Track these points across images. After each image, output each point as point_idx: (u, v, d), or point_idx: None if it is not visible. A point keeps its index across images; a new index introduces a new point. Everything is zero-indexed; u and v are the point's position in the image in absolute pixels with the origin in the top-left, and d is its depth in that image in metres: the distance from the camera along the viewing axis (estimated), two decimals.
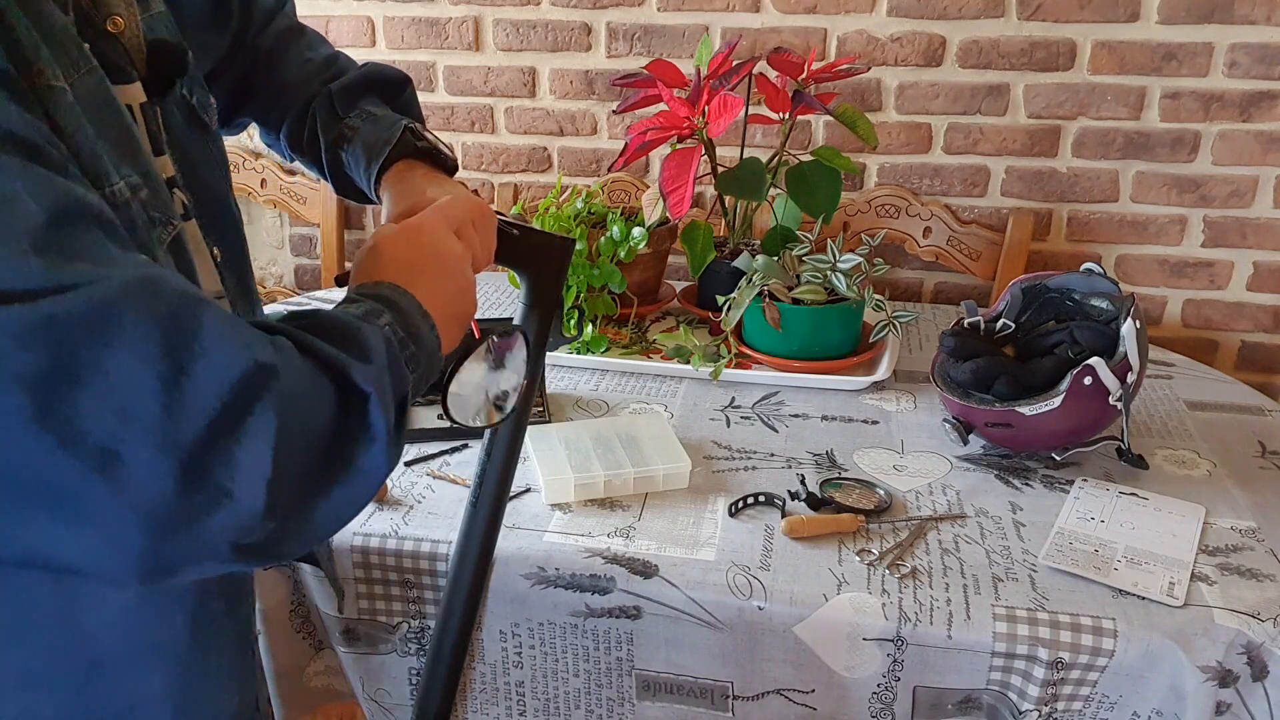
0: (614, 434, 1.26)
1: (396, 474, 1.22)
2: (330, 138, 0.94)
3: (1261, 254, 1.85)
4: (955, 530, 1.12)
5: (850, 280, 1.44)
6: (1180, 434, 1.35)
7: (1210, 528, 1.12)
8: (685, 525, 1.12)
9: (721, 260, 1.64)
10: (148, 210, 0.65)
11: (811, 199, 1.55)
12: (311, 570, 1.11)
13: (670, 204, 1.47)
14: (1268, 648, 0.95)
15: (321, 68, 0.98)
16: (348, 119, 0.93)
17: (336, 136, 0.93)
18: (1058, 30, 1.78)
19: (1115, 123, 1.81)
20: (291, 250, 2.29)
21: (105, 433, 0.47)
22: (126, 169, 0.64)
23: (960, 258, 1.92)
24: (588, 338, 1.57)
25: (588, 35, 1.95)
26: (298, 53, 0.99)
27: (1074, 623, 0.97)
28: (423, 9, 1.99)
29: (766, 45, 1.86)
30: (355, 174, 0.94)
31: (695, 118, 1.51)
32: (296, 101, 0.97)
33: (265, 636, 1.15)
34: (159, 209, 0.66)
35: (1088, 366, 1.16)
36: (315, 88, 0.97)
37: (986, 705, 1.00)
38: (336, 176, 0.97)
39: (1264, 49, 1.71)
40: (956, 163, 1.90)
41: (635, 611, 1.04)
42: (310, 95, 0.97)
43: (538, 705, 1.12)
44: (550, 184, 2.07)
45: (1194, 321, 1.93)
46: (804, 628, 1.00)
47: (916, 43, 1.83)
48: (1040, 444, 1.24)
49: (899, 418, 1.39)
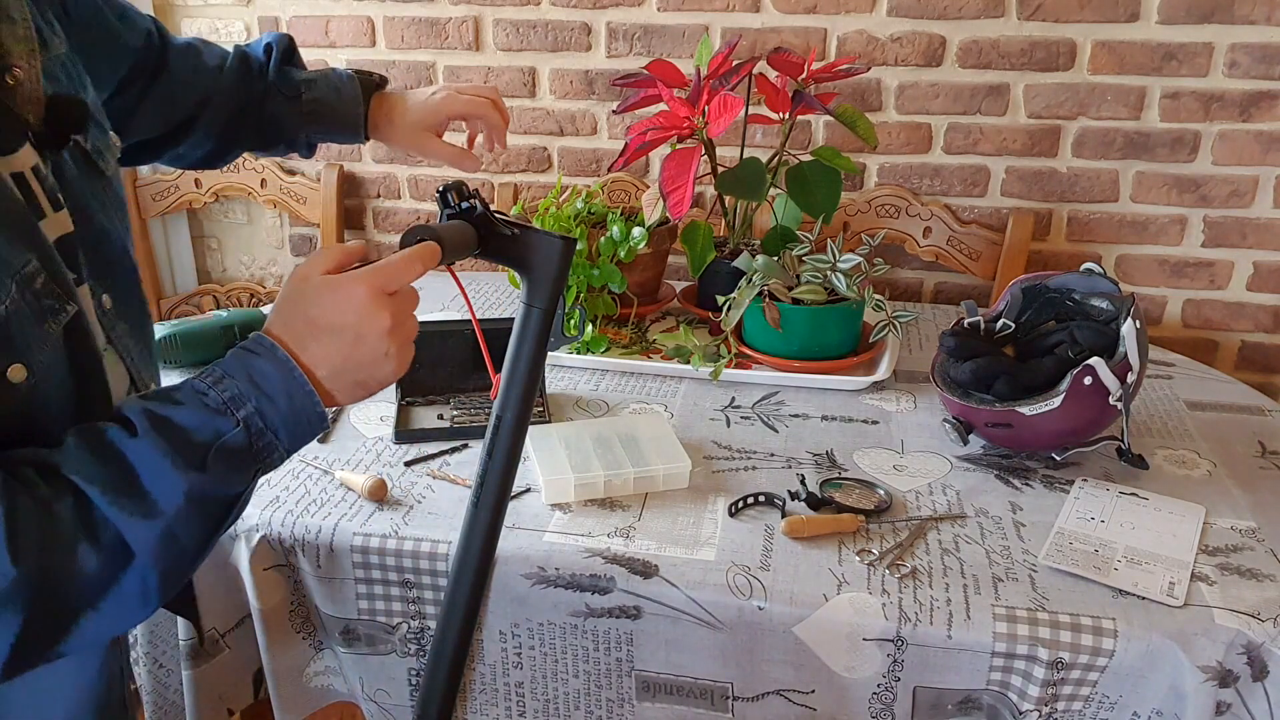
0: (614, 434, 1.26)
1: (397, 474, 1.22)
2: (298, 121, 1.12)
3: (1261, 254, 1.85)
4: (955, 530, 1.12)
5: (850, 280, 1.44)
6: (1180, 434, 1.35)
7: (1210, 528, 1.12)
8: (685, 525, 1.12)
9: (721, 260, 1.64)
10: (41, 300, 0.65)
11: (811, 199, 1.55)
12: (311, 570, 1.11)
13: (670, 204, 1.47)
14: (1268, 648, 0.95)
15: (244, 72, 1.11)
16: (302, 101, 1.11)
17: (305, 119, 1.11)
18: (1058, 30, 1.78)
19: (1115, 123, 1.81)
20: (291, 250, 2.29)
21: None
22: (20, 254, 0.64)
23: (960, 258, 1.92)
24: (588, 338, 1.57)
25: (588, 35, 1.95)
26: (218, 69, 1.11)
27: (1074, 623, 0.97)
28: (423, 9, 1.99)
29: (766, 45, 1.86)
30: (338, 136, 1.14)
31: (695, 118, 1.51)
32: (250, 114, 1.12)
33: (265, 636, 1.15)
34: (53, 294, 0.66)
35: (1088, 366, 1.16)
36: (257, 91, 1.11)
37: (986, 705, 1.00)
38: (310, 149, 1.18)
39: (1264, 49, 1.72)
40: (956, 163, 1.90)
41: (635, 612, 1.04)
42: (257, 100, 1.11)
43: (537, 706, 1.12)
44: (550, 184, 2.07)
45: (1194, 321, 1.93)
46: (804, 628, 1.00)
47: (916, 43, 1.83)
48: (1040, 444, 1.24)
49: (899, 418, 1.39)
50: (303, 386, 0.70)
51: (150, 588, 0.66)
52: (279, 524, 1.12)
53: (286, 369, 0.70)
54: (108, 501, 0.63)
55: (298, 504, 1.15)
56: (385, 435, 1.32)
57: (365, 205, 2.20)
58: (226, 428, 0.67)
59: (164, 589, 0.67)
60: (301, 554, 1.11)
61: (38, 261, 0.65)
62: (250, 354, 0.70)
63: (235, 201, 2.28)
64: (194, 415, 0.67)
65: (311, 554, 1.11)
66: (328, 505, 1.15)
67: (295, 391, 0.70)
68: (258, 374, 0.69)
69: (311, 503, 1.16)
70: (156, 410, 0.67)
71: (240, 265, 2.34)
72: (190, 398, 0.68)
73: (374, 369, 0.73)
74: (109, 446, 0.65)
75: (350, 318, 0.71)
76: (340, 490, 1.19)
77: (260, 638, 1.15)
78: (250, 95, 1.11)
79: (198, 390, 0.68)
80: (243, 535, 1.12)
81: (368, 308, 0.71)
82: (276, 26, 2.06)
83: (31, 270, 0.65)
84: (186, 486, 0.66)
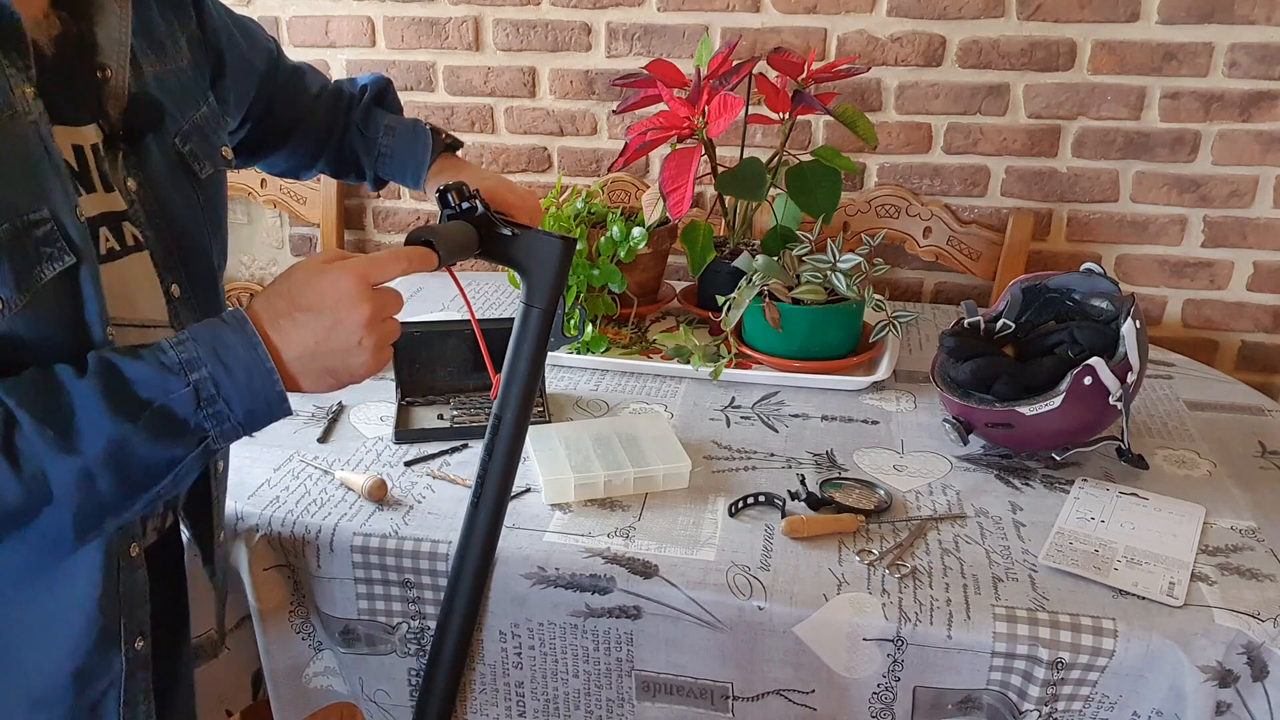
0: (614, 434, 1.26)
1: (397, 474, 1.22)
2: (371, 159, 1.16)
3: (1261, 254, 1.85)
4: (955, 530, 1.12)
5: (850, 280, 1.44)
6: (1180, 434, 1.35)
7: (1210, 528, 1.12)
8: (685, 525, 1.12)
9: (721, 260, 1.64)
10: (39, 246, 0.69)
11: (811, 199, 1.55)
12: (311, 570, 1.11)
13: (670, 204, 1.47)
14: (1268, 648, 0.95)
15: (335, 102, 1.17)
16: (378, 141, 1.15)
17: (375, 158, 1.16)
18: (1058, 30, 1.78)
19: (1115, 123, 1.81)
20: (291, 250, 2.29)
21: None
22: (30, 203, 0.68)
23: (960, 258, 1.92)
24: (588, 338, 1.57)
25: (588, 35, 1.95)
26: (316, 94, 1.16)
27: (1074, 623, 0.97)
28: (423, 9, 1.99)
29: (766, 45, 1.86)
30: (399, 179, 1.16)
31: (695, 118, 1.51)
32: (331, 139, 1.17)
33: (265, 637, 1.15)
34: (54, 243, 0.69)
35: (1088, 366, 1.16)
36: (342, 121, 1.17)
37: (986, 705, 1.00)
38: (375, 184, 1.21)
39: (1264, 49, 1.71)
40: (956, 163, 1.90)
41: (635, 611, 1.04)
42: (340, 130, 1.17)
43: (537, 706, 1.12)
44: (550, 184, 2.07)
45: (1194, 321, 1.93)
46: (804, 628, 1.00)
47: (916, 43, 1.83)
48: (1040, 444, 1.24)
49: (899, 418, 1.39)
50: (264, 363, 0.71)
51: (65, 534, 0.68)
52: (279, 524, 1.12)
53: (251, 344, 0.71)
54: (35, 429, 0.65)
55: (298, 504, 1.15)
56: (385, 435, 1.32)
57: (365, 205, 2.20)
58: (176, 387, 0.69)
59: (77, 534, 0.68)
60: (301, 554, 1.11)
61: (48, 213, 0.69)
62: (222, 323, 0.72)
63: (235, 201, 2.28)
64: (145, 370, 0.69)
65: (311, 554, 1.11)
66: (328, 505, 1.15)
67: (255, 368, 0.71)
68: (221, 343, 0.70)
69: (311, 503, 1.16)
70: (111, 358, 0.69)
71: (240, 265, 2.34)
72: (150, 353, 0.70)
73: (346, 357, 0.74)
74: (53, 380, 0.67)
75: (330, 301, 0.72)
76: (340, 490, 1.19)
77: (260, 638, 1.15)
78: (334, 126, 1.17)
79: (160, 348, 0.70)
80: (243, 535, 1.12)
81: (350, 295, 0.73)
82: (276, 26, 2.06)
83: (37, 219, 0.68)
84: (112, 433, 0.67)
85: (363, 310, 0.73)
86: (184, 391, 0.69)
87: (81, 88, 0.77)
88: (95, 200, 0.76)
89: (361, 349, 0.74)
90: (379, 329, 0.75)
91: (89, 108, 0.77)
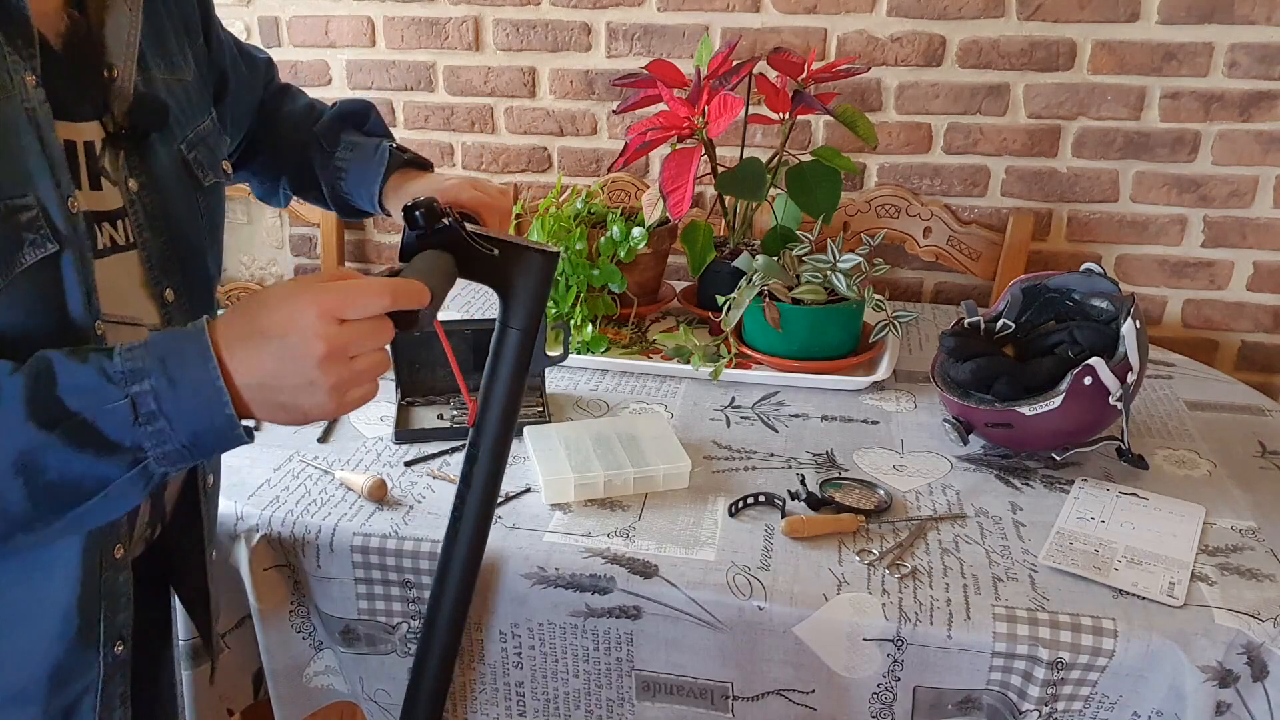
0: (614, 434, 1.26)
1: (397, 474, 1.22)
2: (328, 177, 1.11)
3: (1261, 254, 1.85)
4: (955, 530, 1.12)
5: (850, 280, 1.44)
6: (1180, 434, 1.35)
7: (1210, 528, 1.12)
8: (685, 525, 1.12)
9: (721, 260, 1.64)
10: (22, 231, 0.68)
11: (811, 199, 1.55)
12: (311, 570, 1.11)
13: (670, 204, 1.47)
14: (1268, 648, 0.95)
15: (305, 118, 1.13)
16: (336, 156, 1.09)
17: (332, 174, 1.10)
18: (1058, 30, 1.78)
19: (1115, 123, 1.81)
20: (291, 250, 2.29)
21: None
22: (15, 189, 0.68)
23: (960, 258, 1.92)
24: (588, 338, 1.57)
25: (588, 35, 1.95)
26: (288, 109, 1.14)
27: (1074, 623, 0.97)
28: (423, 9, 1.99)
29: (766, 45, 1.86)
30: (357, 199, 1.10)
31: (695, 118, 1.51)
32: (292, 153, 1.13)
33: (265, 637, 1.15)
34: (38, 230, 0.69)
35: (1088, 366, 1.16)
36: (304, 137, 1.12)
37: (986, 705, 1.00)
38: (339, 205, 1.13)
39: (1264, 49, 1.72)
40: (956, 163, 1.90)
41: (635, 611, 1.04)
42: (301, 144, 1.12)
43: (538, 706, 1.12)
44: (550, 184, 2.07)
45: (1194, 321, 1.93)
46: (804, 628, 1.00)
47: (916, 43, 1.83)
48: (1040, 444, 1.24)
49: (899, 418, 1.39)
50: (213, 381, 0.64)
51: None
52: (279, 524, 1.12)
53: (203, 360, 0.64)
54: None
55: (298, 504, 1.15)
56: (385, 435, 1.32)
57: None
58: (111, 398, 0.63)
59: None
60: (301, 554, 1.11)
61: (34, 199, 0.69)
62: (184, 334, 0.66)
63: (235, 201, 2.28)
64: (85, 375, 0.63)
65: (311, 554, 1.11)
66: (328, 505, 1.15)
67: (204, 386, 0.64)
68: (174, 355, 0.64)
69: (311, 503, 1.16)
70: (54, 358, 0.64)
71: (240, 265, 2.34)
72: (98, 358, 0.64)
73: (296, 395, 0.66)
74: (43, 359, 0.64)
75: (285, 330, 0.65)
76: (340, 490, 1.19)
77: (260, 638, 1.15)
78: (297, 141, 1.12)
79: (110, 353, 0.64)
80: (243, 535, 1.12)
81: (308, 329, 0.65)
82: (276, 26, 2.06)
83: (21, 205, 0.68)
84: (24, 439, 0.62)
85: (316, 347, 0.64)
86: (118, 404, 0.62)
87: (87, 84, 0.77)
88: (82, 197, 0.75)
89: (314, 389, 0.65)
90: (339, 369, 0.66)
91: (93, 104, 0.77)
